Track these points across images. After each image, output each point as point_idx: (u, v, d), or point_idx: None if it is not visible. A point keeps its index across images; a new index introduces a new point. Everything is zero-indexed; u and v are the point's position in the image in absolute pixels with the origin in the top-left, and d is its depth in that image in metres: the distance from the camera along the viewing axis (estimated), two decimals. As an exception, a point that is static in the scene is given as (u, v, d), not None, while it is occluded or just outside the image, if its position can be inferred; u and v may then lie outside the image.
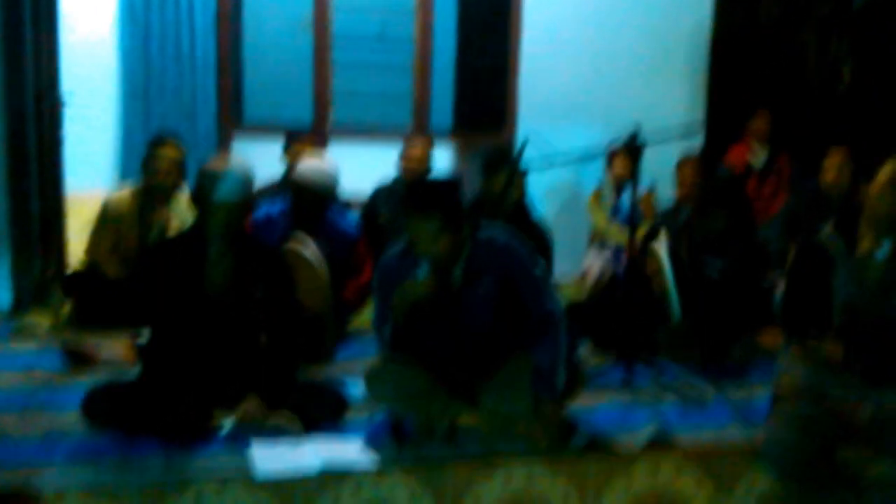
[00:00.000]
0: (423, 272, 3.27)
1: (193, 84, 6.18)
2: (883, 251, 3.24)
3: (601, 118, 6.27)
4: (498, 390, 3.41)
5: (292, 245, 4.41)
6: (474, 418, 3.43)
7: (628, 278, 4.50)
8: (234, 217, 3.41)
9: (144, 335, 3.73)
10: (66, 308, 4.89)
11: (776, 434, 3.15)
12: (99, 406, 3.35)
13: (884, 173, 3.22)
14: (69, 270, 5.28)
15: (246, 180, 3.44)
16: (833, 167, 5.10)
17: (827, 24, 6.89)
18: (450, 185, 3.33)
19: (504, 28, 6.48)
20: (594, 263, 5.87)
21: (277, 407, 3.40)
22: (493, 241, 3.38)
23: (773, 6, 6.99)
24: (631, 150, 4.32)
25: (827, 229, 3.40)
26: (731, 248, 4.50)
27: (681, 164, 5.80)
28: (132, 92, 6.15)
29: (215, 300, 3.45)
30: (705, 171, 5.76)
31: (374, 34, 7.08)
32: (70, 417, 3.43)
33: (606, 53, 6.47)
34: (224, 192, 3.37)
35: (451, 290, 3.33)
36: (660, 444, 3.48)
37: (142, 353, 3.78)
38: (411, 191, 3.30)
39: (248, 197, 3.47)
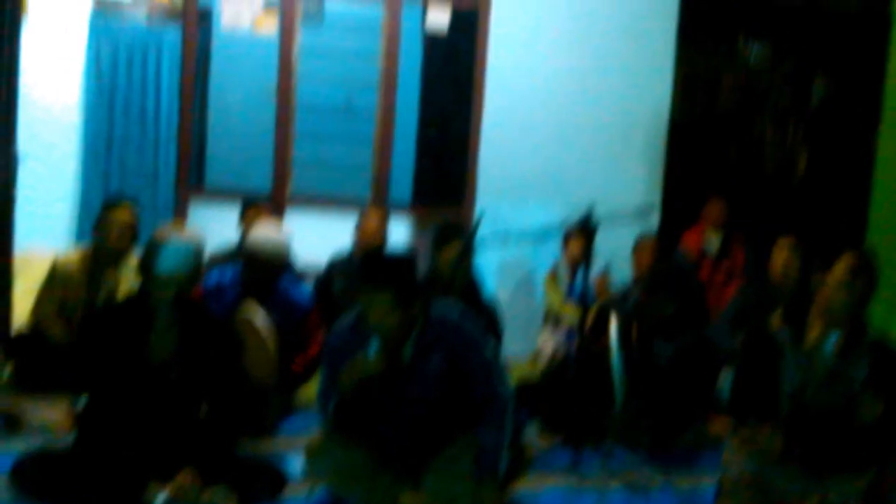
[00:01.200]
0: (373, 348, 3.23)
1: (155, 147, 6.20)
2: (831, 342, 3.27)
3: (559, 197, 6.30)
4: (440, 471, 3.37)
5: (243, 313, 4.36)
6: (416, 499, 3.36)
7: (579, 360, 4.48)
8: (178, 289, 3.36)
9: (83, 401, 3.64)
10: (7, 370, 4.78)
11: None
12: (29, 474, 3.26)
13: (840, 267, 3.26)
14: (13, 332, 5.17)
15: (193, 252, 3.40)
16: (781, 257, 5.15)
17: (784, 115, 7.04)
18: (404, 261, 3.31)
19: (466, 105, 6.54)
20: (548, 343, 5.86)
21: (214, 481, 3.32)
22: (444, 320, 3.37)
23: (731, 95, 7.13)
24: (585, 230, 4.33)
25: (775, 318, 3.44)
26: (680, 334, 4.50)
27: (638, 247, 5.84)
28: (93, 152, 6.15)
29: (157, 368, 3.39)
30: (662, 253, 5.80)
31: (337, 105, 7.13)
32: (-1, 484, 3.32)
33: (567, 134, 6.53)
34: (168, 264, 3.33)
35: (400, 367, 3.30)
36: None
37: (78, 419, 3.69)
38: (366, 264, 3.28)
39: (193, 270, 3.42)
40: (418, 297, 3.30)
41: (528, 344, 5.93)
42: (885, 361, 3.26)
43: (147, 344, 3.38)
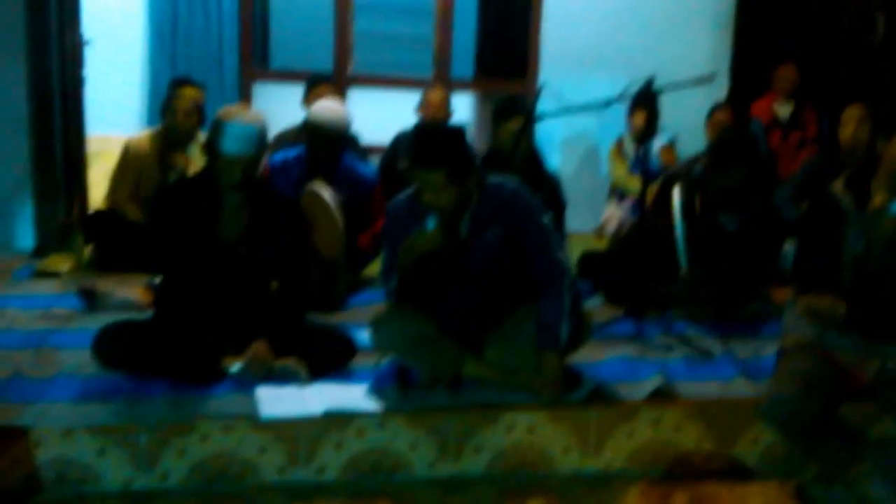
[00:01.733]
0: (430, 223, 3.25)
1: (219, 30, 6.22)
2: (894, 208, 3.21)
3: (625, 68, 6.13)
4: (502, 341, 3.44)
5: (310, 190, 4.42)
6: (479, 368, 3.44)
7: (642, 231, 4.48)
8: (244, 169, 3.37)
9: (160, 279, 3.77)
10: (88, 250, 4.96)
11: (779, 391, 3.15)
12: (109, 346, 3.39)
13: None
14: (91, 212, 5.33)
15: (257, 133, 3.39)
16: (851, 122, 5.01)
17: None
18: (455, 136, 3.28)
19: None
20: (613, 216, 5.86)
21: (286, 351, 3.44)
22: (499, 191, 3.37)
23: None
24: (645, 98, 4.27)
25: (839, 184, 3.37)
26: (746, 204, 4.45)
27: (713, 113, 5.74)
28: (159, 36, 6.20)
29: (228, 246, 3.45)
30: (733, 122, 5.70)
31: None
32: (83, 356, 3.47)
33: (630, 2, 6.38)
34: (233, 145, 3.33)
35: (459, 241, 3.34)
36: (663, 395, 3.48)
37: (155, 296, 3.83)
38: (416, 142, 3.25)
39: (258, 150, 3.41)
40: (472, 171, 3.29)
41: (593, 218, 5.93)
42: None
43: (217, 223, 3.43)
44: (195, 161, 5.03)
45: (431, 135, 3.30)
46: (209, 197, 3.45)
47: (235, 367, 3.39)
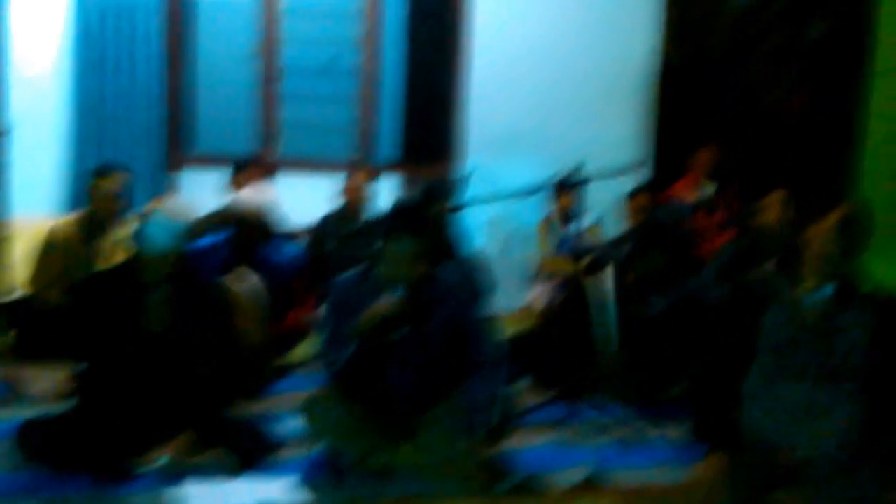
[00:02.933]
0: (396, 293, 3.30)
1: (144, 114, 6.18)
2: (823, 295, 3.30)
3: (548, 151, 6.29)
4: (435, 427, 3.43)
5: (231, 278, 4.39)
6: (412, 454, 3.41)
7: (570, 313, 4.52)
8: (166, 263, 3.41)
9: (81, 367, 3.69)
10: (8, 338, 4.83)
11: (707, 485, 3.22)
12: (31, 440, 3.31)
13: (831, 219, 3.28)
14: (11, 298, 5.21)
15: (181, 230, 3.45)
16: (773, 206, 5.15)
17: (778, 57, 6.96)
18: (427, 216, 3.54)
19: (452, 61, 6.52)
20: (540, 296, 5.89)
21: (211, 444, 3.38)
22: (446, 279, 3.48)
23: (724, 38, 7.05)
24: (572, 185, 4.35)
25: (768, 268, 3.46)
26: (670, 287, 4.53)
27: (633, 195, 5.85)
28: (83, 119, 6.13)
29: (152, 335, 3.42)
30: (653, 206, 5.81)
31: (321, 66, 7.09)
32: (3, 449, 3.39)
33: (553, 87, 6.51)
34: (158, 242, 3.38)
35: (411, 316, 3.36)
36: (594, 483, 3.48)
37: (77, 385, 3.74)
38: (393, 218, 3.33)
39: (182, 246, 3.46)
40: (435, 250, 3.44)
41: (518, 298, 5.96)
42: (881, 310, 3.27)
43: (142, 315, 3.42)
44: (119, 247, 4.95)
45: (412, 209, 3.51)
46: (134, 289, 3.43)
47: (159, 461, 3.31)
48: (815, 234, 3.29)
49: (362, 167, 5.92)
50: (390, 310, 3.29)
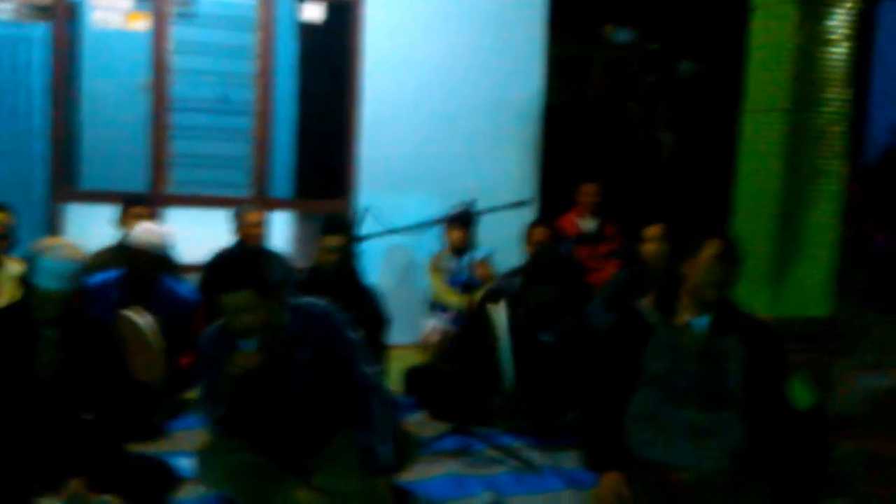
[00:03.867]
0: (249, 344, 3.24)
1: (29, 148, 6.04)
2: (701, 324, 3.43)
3: (438, 187, 6.40)
4: (328, 466, 3.40)
5: (125, 314, 4.31)
6: (309, 496, 3.36)
7: (464, 346, 4.58)
8: (58, 303, 3.28)
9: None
10: None
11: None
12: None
13: (705, 252, 3.42)
14: None
15: (75, 269, 3.31)
16: (651, 245, 5.33)
17: (651, 96, 7.22)
18: (255, 256, 3.36)
19: (344, 98, 6.56)
20: (434, 330, 5.94)
21: (104, 487, 3.28)
22: (308, 309, 3.40)
23: (601, 78, 7.29)
24: (464, 221, 4.42)
25: (648, 300, 3.57)
26: (560, 318, 4.63)
27: (532, 226, 5.98)
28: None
29: (43, 379, 3.30)
30: (551, 237, 5.95)
31: (212, 101, 7.04)
32: None
33: (443, 123, 6.62)
34: (50, 281, 3.25)
35: (277, 361, 3.31)
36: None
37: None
38: (220, 269, 3.28)
39: (75, 285, 3.33)
40: (279, 288, 3.30)
41: (413, 332, 6.01)
42: (757, 336, 3.39)
43: (32, 357, 3.30)
44: (3, 285, 4.80)
45: (233, 259, 3.36)
46: (24, 330, 3.32)
47: (53, 507, 3.20)
48: (692, 267, 3.43)
49: (257, 203, 5.89)
50: (246, 364, 3.25)
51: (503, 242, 6.04)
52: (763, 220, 5.64)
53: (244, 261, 3.28)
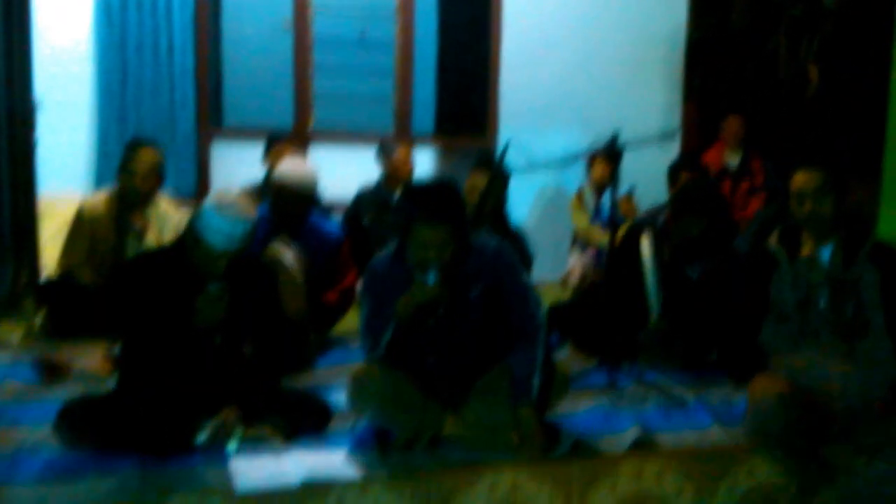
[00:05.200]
0: (431, 277, 3.22)
1: (171, 88, 6.15)
2: (825, 254, 3.31)
3: (581, 122, 6.29)
4: (480, 398, 3.41)
5: (271, 251, 4.34)
6: (458, 427, 3.40)
7: (609, 280, 4.49)
8: (225, 261, 3.25)
9: (119, 346, 3.62)
10: (40, 317, 4.78)
11: (759, 406, 3.35)
12: (73, 421, 3.22)
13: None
14: (43, 278, 5.18)
15: (249, 229, 3.27)
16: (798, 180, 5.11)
17: (797, 25, 6.91)
18: (456, 193, 3.34)
19: (485, 32, 6.50)
20: (577, 266, 5.88)
21: (259, 417, 3.33)
22: (484, 248, 3.41)
23: (745, 10, 7.00)
24: (610, 154, 4.31)
25: (773, 238, 3.49)
26: (708, 252, 4.49)
27: (675, 169, 5.84)
28: (108, 96, 6.11)
29: (204, 330, 3.30)
30: (692, 174, 5.80)
31: (355, 37, 7.06)
32: (43, 432, 3.31)
33: (585, 58, 6.52)
34: (222, 241, 3.20)
35: (451, 295, 3.32)
36: (643, 446, 3.47)
37: (118, 364, 3.69)
38: (420, 198, 3.25)
39: (243, 245, 3.27)
40: (469, 228, 3.35)
41: (557, 268, 5.96)
42: (892, 261, 3.31)
43: (193, 309, 3.24)
44: (153, 224, 4.90)
45: (435, 191, 3.31)
46: (184, 281, 3.27)
47: (203, 434, 3.24)
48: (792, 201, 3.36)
49: (404, 140, 5.87)
50: (424, 297, 3.24)
51: (647, 178, 5.88)
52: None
53: (446, 195, 3.27)
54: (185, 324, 3.25)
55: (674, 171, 5.86)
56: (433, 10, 7.24)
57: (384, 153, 5.72)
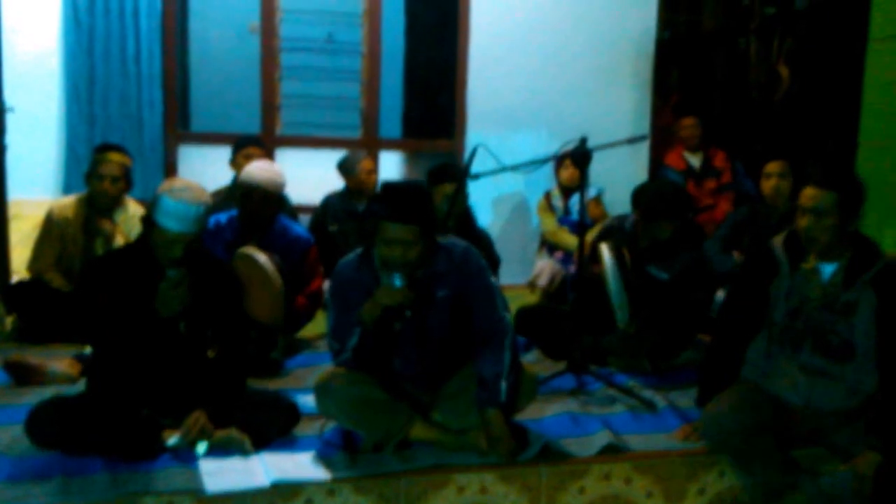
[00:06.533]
0: (397, 279, 3.24)
1: (139, 92, 6.14)
2: (828, 269, 3.30)
3: (549, 125, 6.32)
4: (449, 400, 3.44)
5: (245, 251, 4.34)
6: (427, 430, 3.41)
7: (577, 284, 4.52)
8: (182, 245, 3.28)
9: (89, 349, 3.62)
10: (10, 321, 4.78)
11: (717, 406, 3.38)
12: (43, 425, 3.23)
13: (803, 200, 3.28)
14: (12, 281, 5.16)
15: (203, 212, 3.30)
16: (773, 176, 5.17)
17: (769, 25, 6.97)
18: (424, 194, 3.35)
19: (452, 36, 6.50)
20: (544, 269, 5.90)
21: (226, 421, 3.34)
22: (451, 251, 3.41)
23: (716, 10, 7.06)
24: (578, 157, 4.33)
25: (778, 240, 3.46)
26: (676, 255, 4.53)
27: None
28: (76, 101, 6.08)
29: (166, 320, 3.32)
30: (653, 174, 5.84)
31: (321, 41, 7.05)
32: (12, 434, 3.33)
33: (554, 61, 6.53)
34: (176, 223, 3.24)
35: (417, 296, 3.33)
36: (612, 450, 3.49)
37: (87, 367, 3.69)
38: (390, 199, 3.25)
39: (198, 227, 3.31)
40: (436, 229, 3.37)
41: (524, 271, 5.97)
42: (893, 285, 3.23)
43: (154, 298, 3.28)
44: (121, 228, 4.91)
45: (405, 192, 3.31)
46: (146, 271, 3.32)
47: (172, 440, 3.26)
48: (797, 216, 3.30)
49: (369, 146, 5.88)
50: (391, 300, 3.25)
51: (615, 181, 5.92)
52: (889, 154, 5.39)
53: (414, 195, 3.28)
54: (149, 312, 3.28)
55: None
56: (400, 13, 7.25)
57: (345, 169, 5.73)
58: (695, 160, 6.54)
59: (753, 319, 3.48)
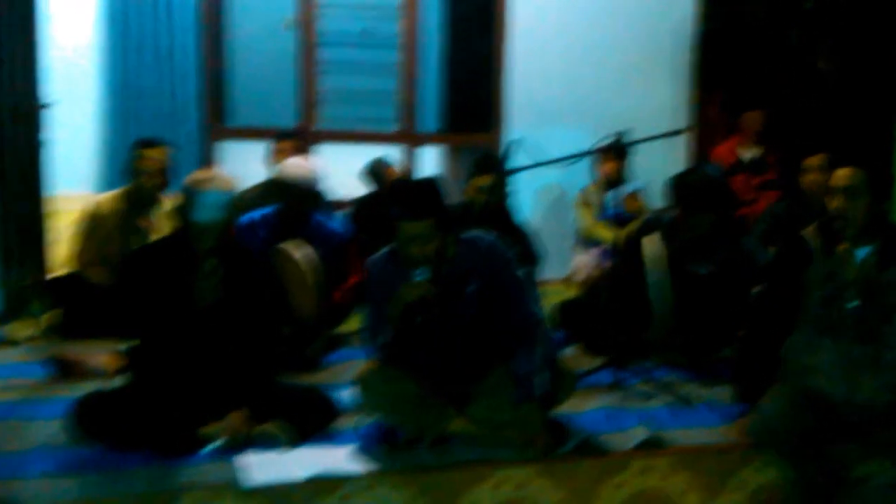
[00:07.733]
0: (420, 274, 3.24)
1: (174, 87, 6.16)
2: (861, 254, 3.27)
3: (589, 118, 6.26)
4: (485, 396, 3.43)
5: (283, 247, 4.35)
6: (464, 425, 3.42)
7: (615, 279, 4.49)
8: (214, 233, 3.35)
9: (129, 344, 3.65)
10: (50, 316, 4.81)
11: (766, 407, 3.32)
12: (85, 417, 3.26)
13: (834, 181, 3.28)
14: (52, 275, 5.20)
15: (229, 200, 3.39)
16: (813, 169, 5.10)
17: (811, 18, 6.87)
18: (435, 187, 3.32)
19: (491, 28, 6.48)
20: (582, 264, 5.86)
21: (266, 416, 3.35)
22: (476, 243, 3.40)
23: (759, 2, 6.97)
24: (617, 150, 4.30)
25: (811, 229, 3.44)
26: (716, 249, 4.48)
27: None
28: (113, 94, 6.13)
29: (203, 311, 3.37)
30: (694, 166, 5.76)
31: (359, 34, 7.05)
32: (55, 428, 3.36)
33: (593, 53, 6.49)
34: (206, 213, 3.32)
35: (446, 290, 3.32)
36: (650, 445, 3.46)
37: (128, 362, 3.71)
38: (399, 195, 3.26)
39: (230, 215, 3.41)
40: (453, 221, 3.34)
41: (563, 266, 5.94)
42: None
43: (192, 288, 3.36)
44: (157, 223, 4.93)
45: (414, 188, 3.34)
46: (183, 262, 3.37)
47: (216, 442, 3.28)
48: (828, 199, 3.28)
49: (407, 139, 5.85)
50: (412, 296, 3.25)
51: (656, 175, 5.86)
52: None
53: (424, 190, 3.28)
54: (187, 305, 3.35)
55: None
56: (438, 6, 7.22)
57: (374, 175, 5.73)
58: (748, 154, 6.46)
59: (788, 311, 3.44)
